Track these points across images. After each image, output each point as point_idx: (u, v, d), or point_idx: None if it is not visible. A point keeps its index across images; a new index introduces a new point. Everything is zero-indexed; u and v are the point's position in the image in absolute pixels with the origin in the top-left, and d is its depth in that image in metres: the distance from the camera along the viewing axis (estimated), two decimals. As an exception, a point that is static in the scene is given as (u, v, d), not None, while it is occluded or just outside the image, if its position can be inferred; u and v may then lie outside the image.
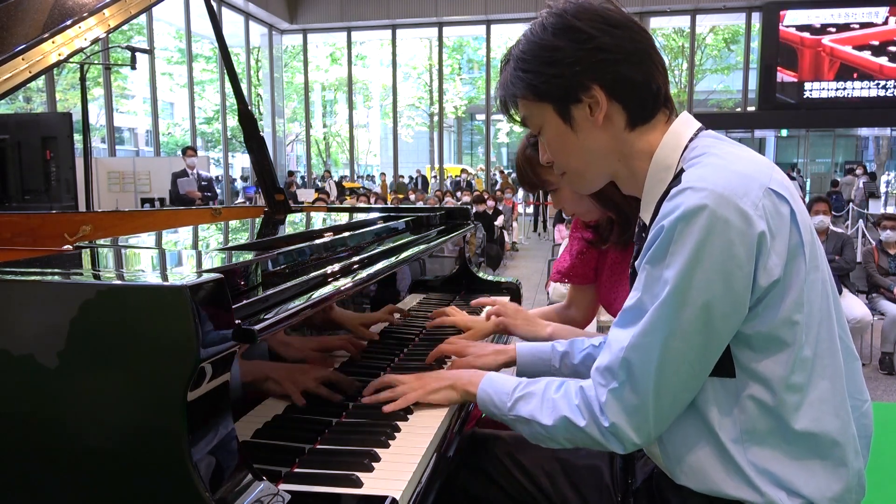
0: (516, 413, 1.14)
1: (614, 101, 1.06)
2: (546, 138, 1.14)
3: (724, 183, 0.94)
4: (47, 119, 7.04)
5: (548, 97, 1.09)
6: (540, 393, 1.13)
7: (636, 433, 1.01)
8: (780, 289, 0.96)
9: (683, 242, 0.93)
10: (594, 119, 1.07)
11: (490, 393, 1.19)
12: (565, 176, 1.18)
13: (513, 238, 12.25)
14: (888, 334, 4.84)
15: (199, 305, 0.79)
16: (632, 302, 1.02)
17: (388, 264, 1.53)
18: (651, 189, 1.09)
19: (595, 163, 1.12)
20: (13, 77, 1.53)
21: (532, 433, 1.14)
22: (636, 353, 0.99)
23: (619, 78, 1.05)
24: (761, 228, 0.93)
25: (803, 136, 21.57)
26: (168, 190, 9.61)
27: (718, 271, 0.93)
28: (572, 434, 1.08)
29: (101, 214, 2.73)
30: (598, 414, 1.03)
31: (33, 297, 0.84)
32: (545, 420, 1.10)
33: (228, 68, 2.55)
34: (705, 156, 1.01)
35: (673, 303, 0.95)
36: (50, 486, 0.83)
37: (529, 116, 1.14)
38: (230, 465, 0.85)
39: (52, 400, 0.82)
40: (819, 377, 1.00)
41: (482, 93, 22.73)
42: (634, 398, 0.99)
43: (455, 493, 1.35)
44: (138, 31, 15.96)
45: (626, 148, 1.09)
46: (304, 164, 24.01)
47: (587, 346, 1.40)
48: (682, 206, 0.93)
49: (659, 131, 1.09)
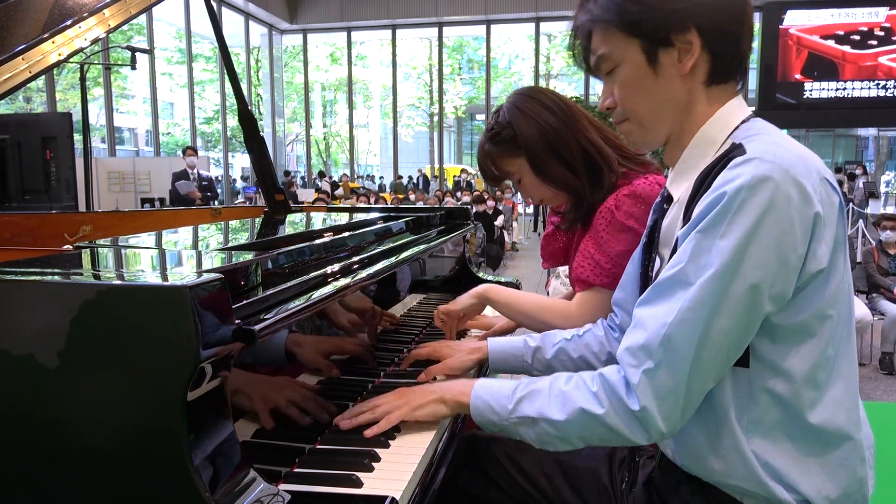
0: (520, 414, 1.05)
1: (706, 51, 1.01)
2: (620, 79, 1.06)
3: (790, 159, 0.91)
4: (47, 119, 7.04)
5: (640, 32, 1.01)
6: (546, 388, 1.06)
7: (665, 420, 0.94)
8: (822, 280, 0.93)
9: (745, 212, 0.89)
10: (681, 66, 1.01)
11: (486, 399, 1.10)
12: (625, 123, 1.10)
13: (513, 238, 12.25)
14: (888, 334, 4.84)
15: (199, 305, 0.79)
16: (671, 273, 0.95)
17: (388, 264, 1.52)
18: (688, 159, 1.06)
19: (664, 115, 1.06)
20: (13, 77, 1.53)
21: (540, 435, 1.04)
22: (680, 329, 0.92)
23: (718, 27, 1.00)
24: (818, 209, 0.90)
25: (803, 136, 21.54)
26: (168, 190, 9.61)
27: (775, 248, 0.89)
28: (589, 428, 1.00)
29: (101, 214, 2.73)
30: (625, 397, 0.96)
31: (33, 297, 0.84)
32: (556, 415, 1.01)
33: (228, 68, 2.55)
34: (765, 135, 0.97)
35: (725, 275, 0.89)
36: (50, 486, 0.83)
37: (608, 53, 1.05)
38: (230, 465, 0.85)
39: (52, 400, 0.82)
40: (836, 377, 0.98)
41: (482, 93, 22.71)
42: (670, 380, 0.93)
43: (455, 493, 1.35)
44: (138, 31, 15.96)
45: (693, 106, 1.04)
46: (304, 164, 24.01)
47: (559, 340, 1.39)
48: (748, 174, 0.89)
49: (726, 98, 1.05)
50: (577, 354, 1.38)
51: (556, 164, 1.53)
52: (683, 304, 0.92)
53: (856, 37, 17.38)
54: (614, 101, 1.09)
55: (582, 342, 1.38)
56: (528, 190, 1.63)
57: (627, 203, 1.45)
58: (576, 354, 1.38)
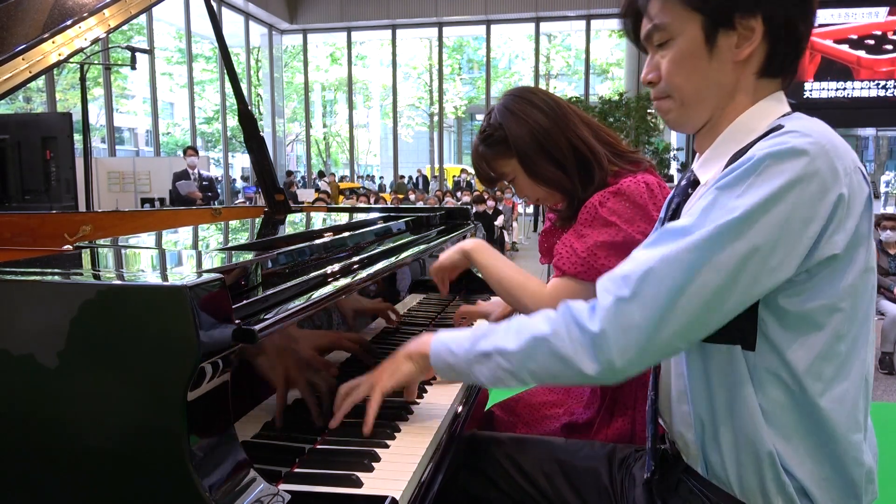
0: (477, 349, 1.04)
1: (766, 41, 0.98)
2: (672, 53, 1.02)
3: (831, 139, 0.90)
4: (47, 119, 7.04)
5: (705, 7, 0.97)
6: (505, 325, 1.04)
7: (619, 353, 0.91)
8: (835, 269, 0.92)
9: (769, 177, 0.87)
10: (737, 52, 0.98)
11: (446, 342, 1.10)
12: (666, 101, 1.06)
13: (513, 238, 12.25)
14: (888, 334, 4.84)
15: (199, 305, 0.79)
16: (676, 225, 0.93)
17: (387, 264, 1.53)
18: (720, 146, 1.03)
19: (708, 98, 1.02)
20: (13, 77, 1.53)
21: (492, 371, 1.03)
22: (666, 266, 0.90)
23: (785, 21, 0.97)
24: (843, 191, 0.88)
25: (803, 136, 21.54)
26: (168, 190, 9.61)
27: (787, 221, 0.87)
28: (537, 356, 0.97)
29: (101, 214, 2.73)
30: (586, 319, 0.94)
31: (33, 297, 0.84)
32: (510, 345, 1.00)
33: (228, 68, 2.55)
34: (812, 120, 0.96)
35: (728, 232, 0.87)
36: (50, 486, 0.83)
37: (664, 24, 1.01)
38: (230, 465, 0.85)
39: (52, 400, 0.82)
40: (845, 375, 0.97)
41: (482, 93, 22.73)
42: (638, 315, 0.90)
43: (455, 493, 1.35)
44: (138, 31, 15.97)
45: (738, 95, 1.02)
46: (304, 164, 24.01)
47: None
48: (786, 143, 0.88)
49: (771, 91, 1.03)
50: None
51: (548, 164, 1.54)
52: (678, 245, 0.90)
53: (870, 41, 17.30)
54: (658, 76, 1.05)
55: None
56: (523, 190, 1.64)
57: (612, 200, 1.46)
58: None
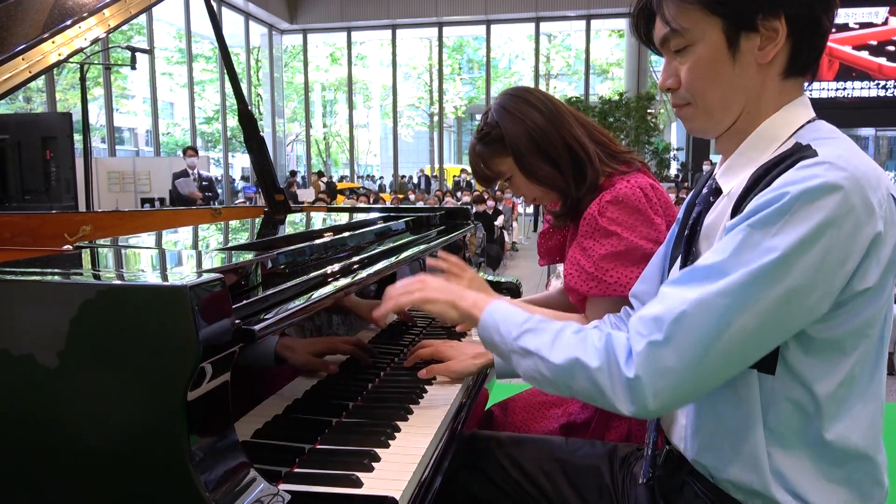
0: (521, 344, 1.02)
1: (790, 40, 0.95)
2: (692, 60, 0.99)
3: (863, 170, 0.86)
4: (47, 119, 7.05)
5: (725, 11, 0.94)
6: (555, 330, 1.01)
7: (655, 398, 0.89)
8: (867, 297, 0.90)
9: (807, 216, 0.84)
10: (761, 55, 0.95)
11: (497, 319, 1.07)
12: (687, 108, 1.03)
13: (513, 238, 12.25)
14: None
15: (199, 305, 0.79)
16: (708, 262, 0.90)
17: (387, 264, 1.52)
18: (745, 153, 1.00)
19: (733, 104, 0.99)
20: (13, 77, 1.53)
21: (531, 369, 1.01)
22: (698, 311, 0.87)
23: (808, 17, 0.94)
24: (879, 228, 0.86)
25: (803, 136, 21.54)
26: (168, 190, 9.61)
27: (825, 261, 0.84)
28: (578, 379, 0.95)
29: (101, 214, 2.73)
30: (623, 361, 0.91)
31: (33, 297, 0.84)
32: (553, 357, 0.98)
33: (228, 68, 2.55)
34: (837, 140, 0.92)
35: (764, 276, 0.84)
36: (50, 486, 0.83)
37: (683, 29, 0.97)
38: (230, 465, 0.85)
39: (52, 400, 0.82)
40: (858, 396, 0.95)
41: (482, 93, 22.73)
42: (673, 359, 0.88)
43: (455, 493, 1.35)
44: (138, 31, 15.97)
45: (765, 98, 0.99)
46: (304, 164, 24.02)
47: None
48: (819, 178, 0.84)
49: (793, 94, 1.00)
50: None
51: (543, 163, 1.54)
52: (712, 289, 0.87)
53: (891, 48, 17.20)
54: (678, 82, 1.01)
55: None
56: (520, 189, 1.64)
57: (610, 209, 1.46)
58: None
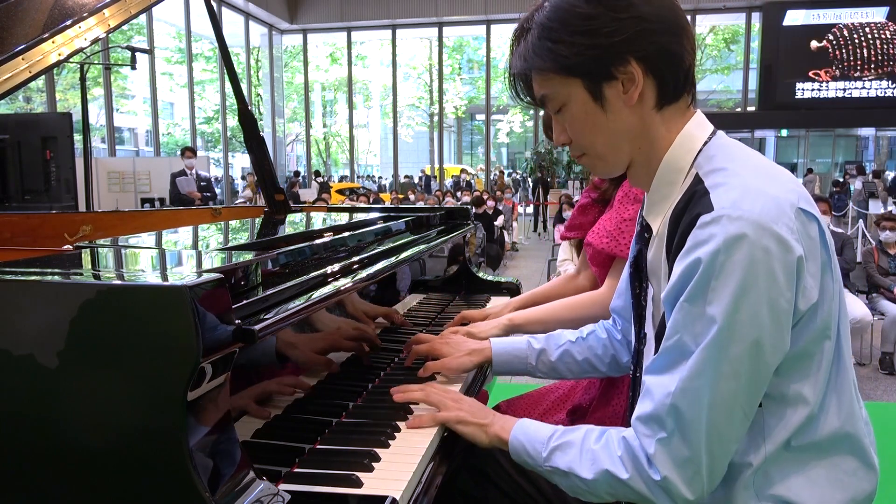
0: (553, 464, 1.06)
1: (650, 76, 0.98)
2: (569, 118, 1.04)
3: (760, 208, 0.88)
4: (47, 119, 7.04)
5: (578, 72, 0.99)
6: (578, 443, 1.05)
7: (688, 487, 0.92)
8: (815, 309, 0.92)
9: (727, 276, 0.87)
10: (627, 97, 0.99)
11: (523, 442, 1.11)
12: (584, 158, 1.08)
13: (513, 238, 12.25)
14: (888, 334, 4.84)
15: (199, 305, 0.79)
16: (670, 343, 0.94)
17: (387, 264, 1.53)
18: (659, 189, 1.04)
19: (620, 145, 1.04)
20: (13, 77, 1.53)
21: (570, 486, 1.05)
22: (685, 399, 0.91)
23: (658, 51, 0.97)
24: (799, 253, 0.88)
25: (803, 136, 21.56)
26: (168, 190, 9.60)
27: (765, 304, 0.87)
28: (615, 489, 0.99)
29: (101, 214, 2.73)
30: (646, 467, 0.95)
31: (33, 297, 0.84)
32: (585, 473, 1.01)
33: (228, 68, 2.55)
34: (728, 172, 0.94)
35: (721, 341, 0.88)
36: (50, 486, 0.83)
37: (551, 94, 1.04)
38: (230, 465, 0.85)
39: (52, 400, 0.82)
40: (832, 390, 0.97)
41: (482, 93, 22.72)
42: (685, 449, 0.92)
43: (455, 494, 1.35)
44: (138, 31, 15.97)
45: (651, 132, 1.02)
46: (304, 164, 24.01)
47: (564, 342, 1.40)
48: (720, 236, 0.87)
49: (679, 118, 1.03)
50: (581, 357, 1.39)
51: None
52: (683, 374, 0.91)
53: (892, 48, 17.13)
54: (569, 138, 1.07)
55: (586, 345, 1.39)
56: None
57: None
58: (580, 357, 1.39)
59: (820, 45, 17.93)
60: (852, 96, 17.96)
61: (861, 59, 17.73)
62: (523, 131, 25.46)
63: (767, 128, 20.47)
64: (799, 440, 0.97)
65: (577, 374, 1.43)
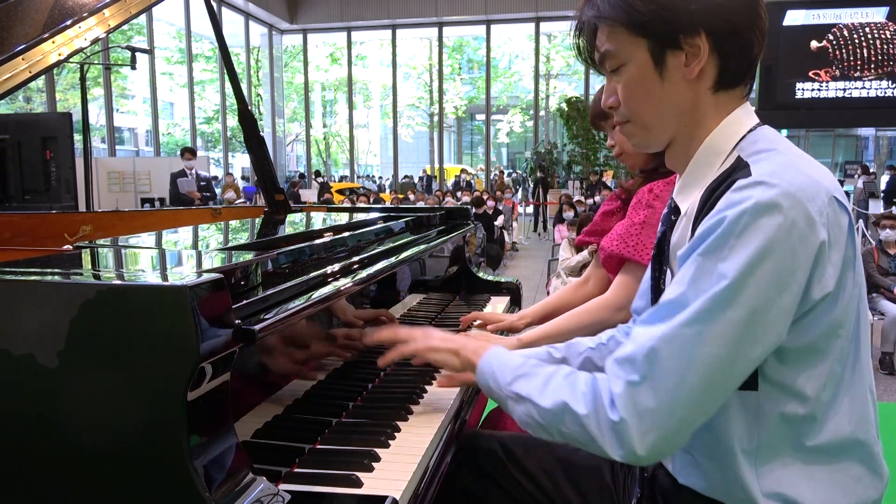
0: (513, 389, 1.04)
1: (714, 55, 0.97)
2: (624, 79, 1.02)
3: (798, 182, 0.87)
4: (47, 119, 7.04)
5: (648, 32, 0.97)
6: (545, 374, 1.03)
7: (641, 439, 0.89)
8: (829, 301, 0.91)
9: (748, 238, 0.85)
10: (688, 70, 0.98)
11: (493, 365, 1.09)
12: (627, 126, 1.06)
13: (513, 238, 12.25)
14: (888, 334, 4.84)
15: (199, 305, 0.79)
16: (671, 296, 0.91)
17: (387, 264, 1.53)
18: (694, 171, 1.02)
19: (668, 120, 1.02)
20: (13, 77, 1.53)
21: (523, 415, 1.02)
22: (667, 345, 0.88)
23: (730, 31, 0.96)
24: (823, 238, 0.87)
25: (803, 136, 21.56)
26: (168, 190, 9.60)
27: (776, 277, 0.86)
28: (567, 423, 0.96)
29: (101, 214, 2.73)
30: (608, 406, 0.92)
31: (33, 297, 0.84)
32: (542, 402, 0.99)
33: (228, 68, 2.55)
34: (773, 152, 0.93)
35: (722, 300, 0.86)
36: (51, 486, 0.83)
37: (613, 50, 1.01)
38: (230, 465, 0.85)
39: (52, 400, 0.82)
40: (844, 392, 0.96)
41: (482, 93, 22.71)
42: (651, 399, 0.89)
43: (455, 493, 1.35)
44: (138, 31, 15.97)
45: (699, 112, 1.01)
46: (304, 164, 24.02)
47: (584, 350, 1.38)
48: (753, 199, 0.86)
49: (732, 105, 1.01)
50: (602, 363, 1.37)
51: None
52: (676, 321, 0.89)
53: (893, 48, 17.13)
54: (617, 101, 1.05)
55: (607, 350, 1.37)
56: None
57: (658, 185, 1.53)
58: (601, 363, 1.37)
59: (820, 45, 17.92)
60: (852, 96, 17.95)
61: (861, 59, 17.72)
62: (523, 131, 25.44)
63: (767, 128, 20.43)
64: (806, 440, 0.96)
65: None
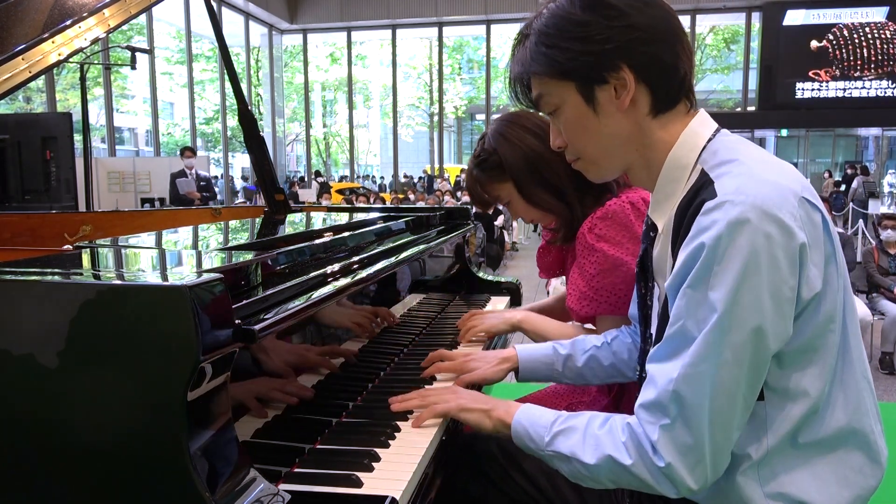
0: (554, 449, 1.06)
1: (642, 83, 1.01)
2: (563, 120, 1.08)
3: (763, 194, 0.89)
4: (47, 119, 7.03)
5: (572, 76, 1.03)
6: (582, 428, 1.04)
7: (691, 475, 0.92)
8: (819, 299, 0.93)
9: (729, 260, 0.87)
10: (619, 102, 1.02)
11: (526, 426, 1.10)
12: (578, 162, 1.11)
13: (513, 238, 12.25)
14: (888, 334, 4.84)
15: (199, 305, 0.79)
16: (673, 330, 0.94)
17: (387, 264, 1.53)
18: (663, 187, 1.05)
19: (613, 150, 1.07)
20: (13, 77, 1.53)
21: (572, 471, 1.05)
22: (687, 385, 0.91)
23: (650, 59, 1.00)
24: (802, 239, 0.89)
25: (803, 136, 21.56)
26: (168, 190, 9.60)
27: (767, 290, 0.88)
28: (617, 474, 0.99)
29: (101, 214, 2.73)
30: (650, 453, 0.95)
31: (33, 297, 0.84)
32: (587, 458, 1.01)
33: (228, 68, 2.55)
34: (734, 163, 0.95)
35: (723, 327, 0.88)
36: (50, 486, 0.83)
37: (546, 96, 1.07)
38: (230, 465, 0.85)
39: (52, 400, 0.82)
40: (838, 384, 0.98)
41: (482, 93, 22.72)
42: (688, 436, 0.92)
43: (455, 494, 1.34)
44: (138, 31, 15.97)
45: (646, 137, 1.04)
46: (304, 164, 24.02)
47: (590, 348, 1.40)
48: (722, 220, 0.88)
49: (679, 122, 1.04)
50: (607, 362, 1.39)
51: (542, 189, 1.57)
52: (686, 360, 0.91)
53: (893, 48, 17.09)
54: (564, 141, 1.10)
55: (612, 350, 1.40)
56: (518, 212, 1.67)
57: (599, 225, 1.49)
58: (607, 362, 1.39)
59: (820, 44, 17.93)
60: (852, 96, 17.95)
61: (861, 59, 17.72)
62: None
63: (767, 128, 20.44)
64: (805, 437, 0.97)
65: (604, 380, 1.43)
